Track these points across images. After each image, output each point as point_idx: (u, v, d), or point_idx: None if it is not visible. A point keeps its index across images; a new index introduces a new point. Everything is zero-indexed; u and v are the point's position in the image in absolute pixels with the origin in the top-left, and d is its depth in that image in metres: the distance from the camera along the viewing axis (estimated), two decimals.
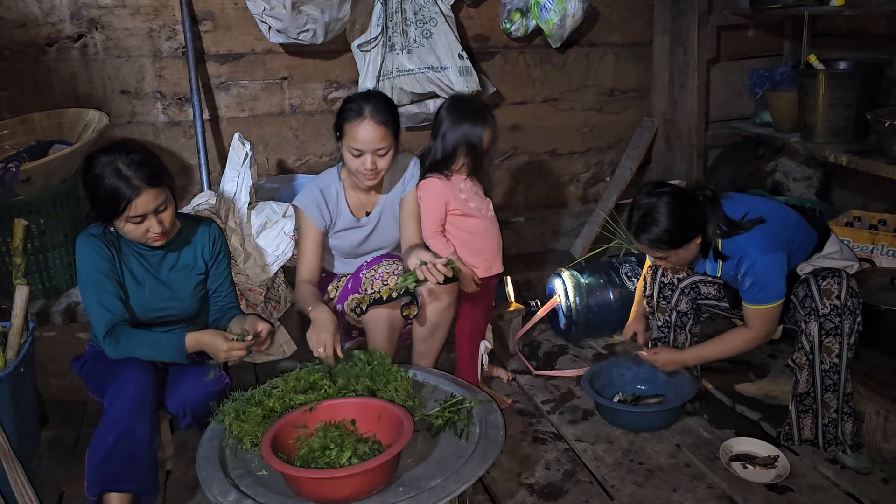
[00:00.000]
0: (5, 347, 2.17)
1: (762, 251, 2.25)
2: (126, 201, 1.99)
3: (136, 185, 1.99)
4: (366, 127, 2.33)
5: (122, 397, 1.98)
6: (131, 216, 2.02)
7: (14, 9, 2.92)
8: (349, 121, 2.36)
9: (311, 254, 2.51)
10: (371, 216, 2.57)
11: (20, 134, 2.86)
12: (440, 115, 2.57)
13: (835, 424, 2.29)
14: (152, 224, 2.06)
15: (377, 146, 2.36)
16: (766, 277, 2.25)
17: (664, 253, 2.32)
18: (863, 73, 2.96)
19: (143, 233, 2.08)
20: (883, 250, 3.10)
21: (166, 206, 2.09)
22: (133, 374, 2.01)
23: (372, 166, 2.37)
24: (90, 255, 2.12)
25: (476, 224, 2.63)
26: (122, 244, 2.18)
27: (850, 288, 2.23)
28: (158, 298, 2.21)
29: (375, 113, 2.33)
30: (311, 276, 2.50)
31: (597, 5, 3.59)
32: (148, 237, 2.09)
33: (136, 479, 1.97)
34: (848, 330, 2.23)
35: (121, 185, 1.98)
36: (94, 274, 2.11)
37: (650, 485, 2.25)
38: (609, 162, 3.93)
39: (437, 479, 1.78)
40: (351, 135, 2.36)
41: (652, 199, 2.27)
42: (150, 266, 2.21)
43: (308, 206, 2.50)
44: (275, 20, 2.93)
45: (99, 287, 2.11)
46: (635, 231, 2.31)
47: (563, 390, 2.82)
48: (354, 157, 2.38)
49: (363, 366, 2.14)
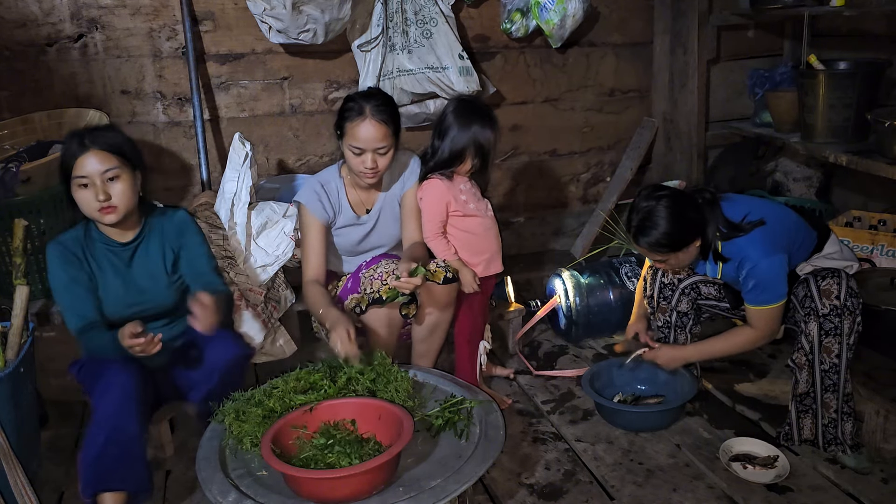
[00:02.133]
0: (5, 347, 2.17)
1: (763, 253, 2.25)
2: (73, 158, 2.06)
3: (86, 143, 2.07)
4: (366, 126, 2.34)
5: (108, 396, 1.98)
6: (77, 176, 2.06)
7: (14, 9, 2.92)
8: (350, 120, 2.37)
9: (317, 250, 2.50)
10: (371, 214, 2.58)
11: (20, 134, 2.86)
12: (447, 117, 2.57)
13: (835, 424, 2.29)
14: (98, 192, 2.07)
15: (378, 145, 2.36)
16: (768, 279, 2.26)
17: (663, 256, 2.33)
18: (863, 73, 2.96)
19: (89, 202, 2.08)
20: (883, 250, 3.10)
21: (117, 177, 2.10)
22: (117, 372, 2.01)
23: (372, 165, 2.38)
24: (57, 263, 2.15)
25: (476, 224, 2.63)
26: (94, 243, 2.19)
27: (849, 288, 2.23)
28: (133, 293, 2.22)
29: (376, 112, 2.35)
30: (317, 274, 2.49)
31: (597, 5, 3.59)
32: (93, 207, 2.09)
33: (129, 477, 1.96)
34: (847, 330, 2.23)
35: (73, 145, 2.08)
36: (63, 281, 2.14)
37: (650, 485, 2.25)
38: (609, 162, 3.93)
39: (437, 479, 1.78)
40: (352, 133, 2.36)
41: (651, 202, 2.27)
42: (121, 261, 2.21)
43: (310, 201, 2.50)
44: (275, 20, 2.93)
45: (68, 293, 2.14)
46: (635, 234, 2.31)
47: (563, 390, 2.83)
48: (355, 156, 2.39)
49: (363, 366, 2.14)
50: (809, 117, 3.07)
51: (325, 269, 2.54)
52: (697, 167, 3.69)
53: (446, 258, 2.54)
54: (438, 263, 2.47)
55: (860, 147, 2.94)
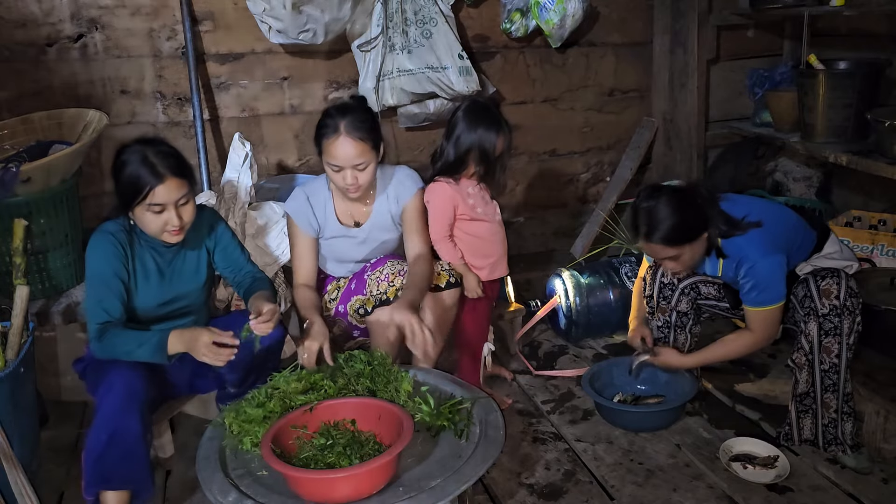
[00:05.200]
0: (5, 347, 2.17)
1: (762, 253, 2.24)
2: (149, 187, 2.03)
3: (161, 172, 2.03)
4: (342, 143, 2.27)
5: (111, 395, 1.98)
6: (152, 204, 2.05)
7: (14, 9, 2.92)
8: (326, 137, 2.30)
9: (305, 258, 2.48)
10: (363, 227, 2.52)
11: (20, 134, 2.86)
12: (456, 118, 2.55)
13: (835, 424, 2.29)
14: (172, 217, 2.08)
15: (355, 161, 2.30)
16: (766, 280, 2.25)
17: (678, 250, 2.28)
18: (863, 73, 2.96)
19: (161, 225, 2.09)
20: (883, 250, 3.10)
21: (187, 201, 2.11)
22: (121, 372, 2.01)
23: (353, 181, 2.32)
24: (102, 252, 2.12)
25: (483, 228, 2.62)
26: (139, 240, 2.18)
27: (849, 288, 2.23)
28: (170, 293, 2.22)
29: (351, 129, 2.27)
30: (307, 279, 2.48)
31: (597, 5, 3.59)
32: (166, 230, 2.10)
33: (131, 476, 1.97)
34: (847, 330, 2.23)
35: (145, 172, 2.03)
36: (103, 272, 2.11)
37: (650, 485, 2.25)
38: (609, 162, 3.93)
39: (437, 479, 1.78)
40: (328, 151, 2.31)
41: (652, 201, 2.26)
42: (164, 261, 2.22)
43: (295, 213, 2.47)
44: (275, 20, 2.93)
45: (104, 286, 2.11)
46: (645, 233, 2.28)
47: (563, 390, 2.83)
48: (335, 172, 2.33)
49: (363, 366, 2.14)
50: (809, 117, 3.07)
51: (315, 273, 2.52)
52: (697, 167, 3.69)
53: (452, 262, 2.53)
54: (443, 267, 2.47)
55: (860, 147, 2.94)
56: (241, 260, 2.36)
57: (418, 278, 2.37)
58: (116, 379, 2.00)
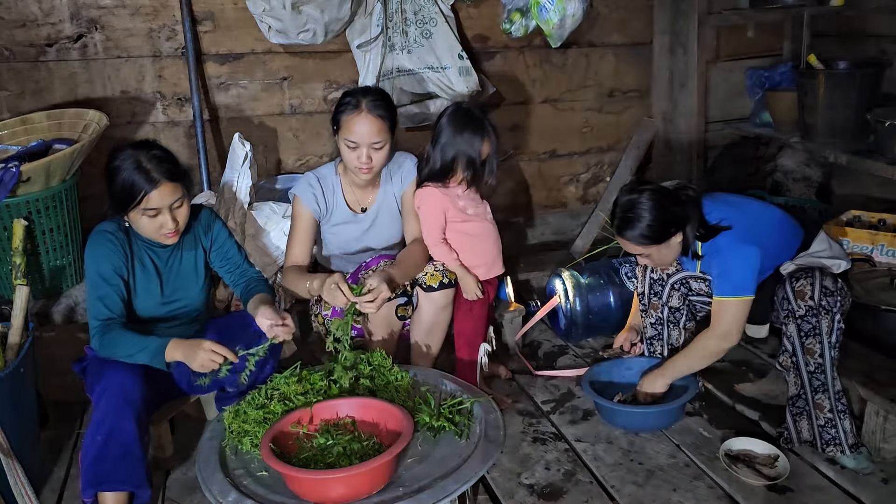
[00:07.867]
0: (5, 348, 2.17)
1: (732, 242, 2.25)
2: (143, 193, 2.03)
3: (155, 177, 2.04)
4: (362, 120, 2.34)
5: (108, 396, 1.98)
6: (147, 208, 2.05)
7: (14, 9, 2.92)
8: (346, 113, 2.36)
9: (302, 240, 2.50)
10: (368, 213, 2.57)
11: (20, 134, 2.86)
12: (440, 124, 2.55)
13: (832, 424, 2.28)
14: (166, 220, 2.09)
15: (373, 140, 2.35)
16: (731, 267, 2.25)
17: (646, 249, 2.33)
18: (863, 73, 2.96)
19: (156, 228, 2.10)
20: (883, 250, 3.10)
21: (182, 203, 2.12)
22: (118, 374, 2.01)
23: (367, 160, 2.37)
24: (102, 251, 2.13)
25: (475, 228, 2.63)
26: (135, 240, 2.19)
27: (823, 287, 2.21)
28: (170, 290, 2.23)
29: (372, 107, 2.34)
30: (298, 261, 2.49)
31: (597, 5, 3.59)
32: (161, 233, 2.11)
33: (128, 478, 1.97)
34: (826, 329, 2.21)
35: (139, 177, 2.03)
36: (102, 270, 2.12)
37: (650, 485, 2.25)
38: (609, 162, 3.93)
39: (437, 479, 1.78)
40: (347, 127, 2.36)
41: (633, 195, 2.29)
42: (161, 261, 2.22)
43: (304, 193, 2.50)
44: (275, 20, 2.93)
45: (104, 283, 2.12)
46: (618, 227, 2.32)
47: (563, 390, 2.82)
48: (350, 150, 2.38)
49: (364, 366, 2.14)
50: (809, 117, 3.08)
51: (309, 259, 2.53)
52: (697, 167, 3.69)
53: (449, 264, 2.54)
54: (437, 267, 2.47)
55: (860, 147, 2.94)
56: (237, 259, 2.36)
57: (406, 255, 2.45)
58: (113, 381, 2.00)
